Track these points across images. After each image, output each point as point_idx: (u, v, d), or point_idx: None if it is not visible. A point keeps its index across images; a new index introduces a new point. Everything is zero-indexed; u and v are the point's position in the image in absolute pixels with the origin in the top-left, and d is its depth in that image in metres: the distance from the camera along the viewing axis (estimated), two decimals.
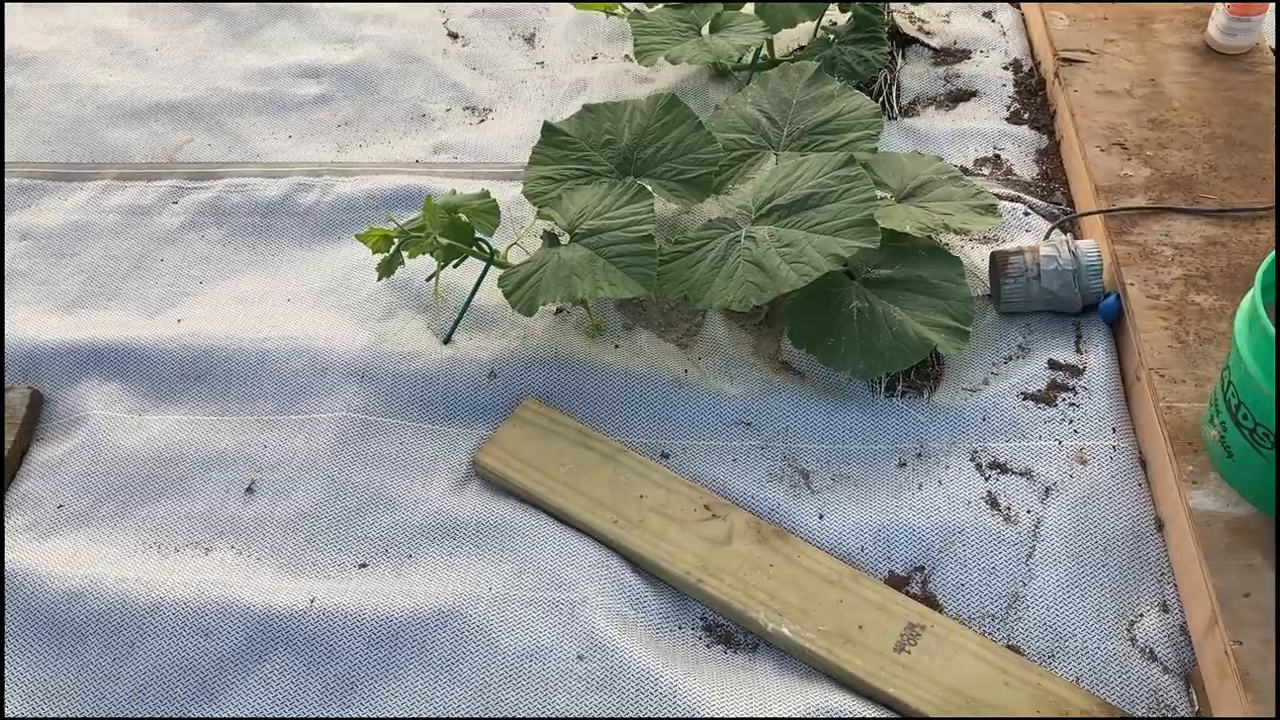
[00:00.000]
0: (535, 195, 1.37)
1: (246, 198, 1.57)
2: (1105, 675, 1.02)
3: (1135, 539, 1.11)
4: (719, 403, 1.26)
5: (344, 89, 1.76)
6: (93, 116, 1.74)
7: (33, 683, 1.07)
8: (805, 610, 1.07)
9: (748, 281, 1.19)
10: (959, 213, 1.30)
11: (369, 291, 1.41)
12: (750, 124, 1.43)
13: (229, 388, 1.32)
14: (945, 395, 1.25)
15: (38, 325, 1.41)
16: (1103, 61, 1.58)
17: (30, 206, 1.60)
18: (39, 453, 1.29)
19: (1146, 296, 1.25)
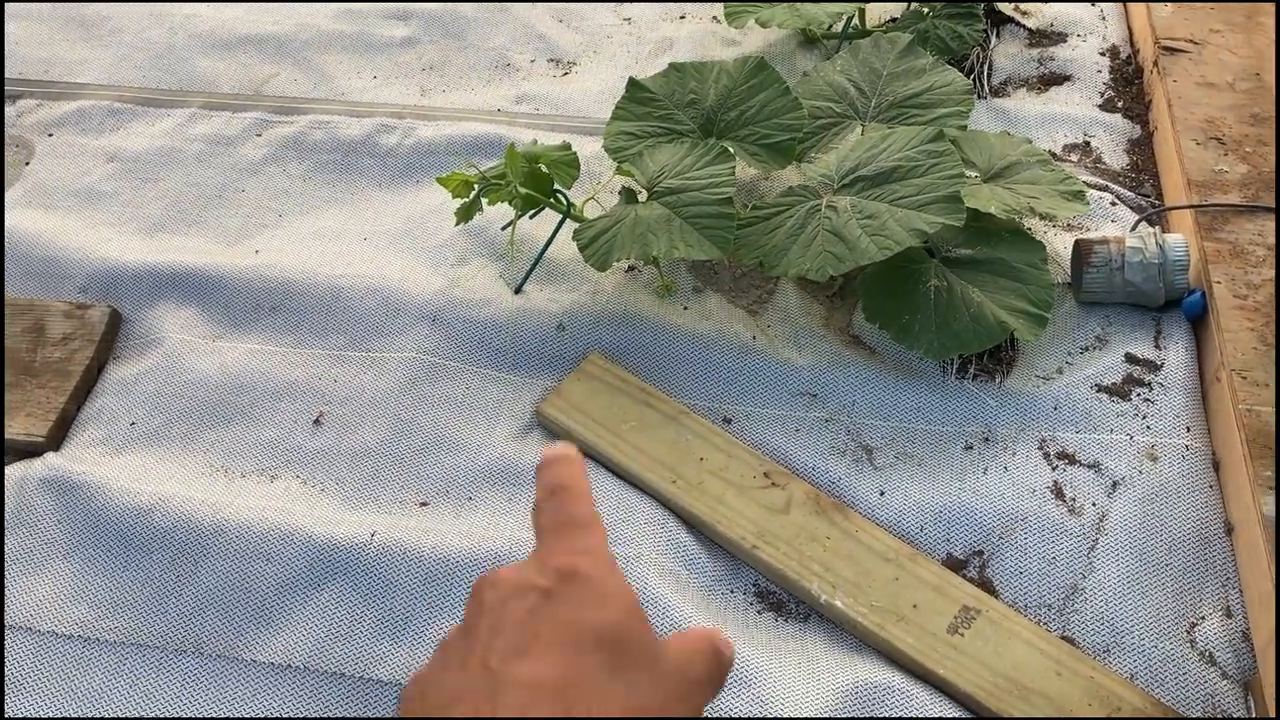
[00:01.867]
0: (616, 150, 1.36)
1: (329, 135, 1.59)
2: (1161, 675, 1.01)
3: (1202, 541, 1.09)
4: (786, 372, 1.26)
5: (431, 33, 1.77)
6: (183, 45, 1.76)
7: (98, 591, 1.10)
8: (859, 585, 1.06)
9: (826, 251, 1.18)
10: (1045, 197, 1.27)
11: (444, 236, 1.41)
12: (838, 92, 1.41)
13: (302, 321, 1.33)
14: (1017, 381, 1.23)
15: (120, 246, 1.43)
16: (1206, 52, 1.53)
17: (119, 130, 1.62)
18: (115, 370, 1.32)
19: (1234, 296, 1.22)
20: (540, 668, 0.45)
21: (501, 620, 0.47)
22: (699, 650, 0.51)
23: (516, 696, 0.44)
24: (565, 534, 0.51)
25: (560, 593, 0.48)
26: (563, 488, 0.53)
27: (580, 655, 0.46)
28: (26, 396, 1.26)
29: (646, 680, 0.47)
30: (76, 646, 1.07)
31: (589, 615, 0.47)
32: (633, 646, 0.47)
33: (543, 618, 0.47)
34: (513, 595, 0.48)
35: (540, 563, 0.50)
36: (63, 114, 1.65)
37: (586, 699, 0.44)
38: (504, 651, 0.46)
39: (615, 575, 0.50)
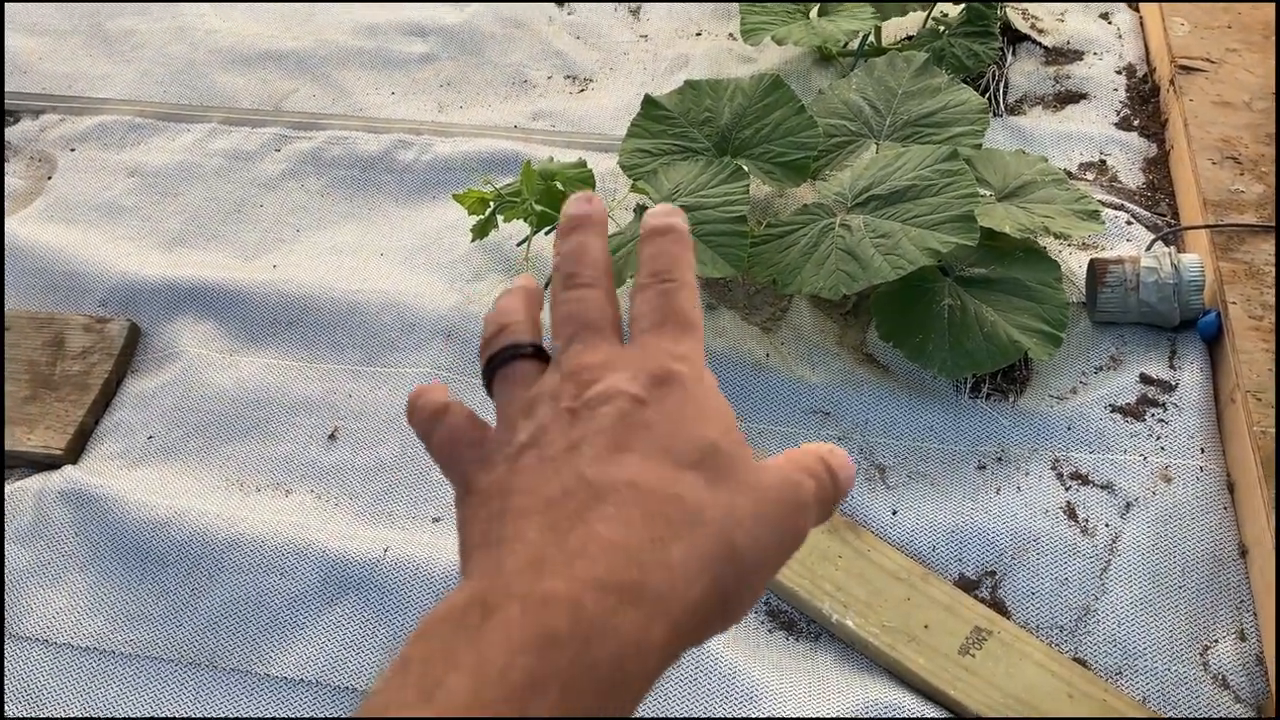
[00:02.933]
0: (631, 168, 1.37)
1: (347, 150, 1.60)
2: (1173, 698, 1.00)
3: (1216, 563, 1.09)
4: (799, 390, 1.26)
5: (449, 49, 1.78)
6: (204, 61, 1.78)
7: (115, 604, 1.11)
8: (871, 604, 1.06)
9: (839, 270, 1.18)
10: (1060, 216, 1.27)
11: (460, 252, 1.42)
12: (853, 111, 1.42)
13: (319, 336, 1.34)
14: (1031, 401, 1.23)
15: (140, 260, 1.45)
16: (1222, 71, 1.53)
17: (140, 145, 1.64)
18: (133, 384, 1.33)
19: (1249, 317, 1.22)
20: (635, 475, 0.40)
21: (592, 423, 0.42)
22: (809, 469, 0.45)
23: (608, 508, 0.39)
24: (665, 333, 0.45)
25: (654, 402, 0.43)
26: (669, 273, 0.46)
27: (678, 469, 0.41)
28: (46, 409, 1.28)
29: (745, 502, 0.42)
30: (93, 659, 1.08)
31: (686, 430, 0.42)
32: (731, 463, 0.42)
33: (636, 427, 0.42)
34: (602, 401, 0.43)
35: (638, 364, 0.44)
36: (85, 129, 1.67)
37: (684, 517, 0.40)
38: (597, 456, 0.41)
39: (713, 390, 0.45)
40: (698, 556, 0.39)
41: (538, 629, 0.35)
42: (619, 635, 0.36)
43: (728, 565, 0.40)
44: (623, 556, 0.38)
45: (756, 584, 0.42)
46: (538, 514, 0.40)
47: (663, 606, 0.38)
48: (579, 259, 0.47)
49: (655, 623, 0.37)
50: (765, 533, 0.42)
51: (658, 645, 0.37)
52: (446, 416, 0.46)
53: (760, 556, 0.42)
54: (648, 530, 0.39)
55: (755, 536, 0.42)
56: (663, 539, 0.39)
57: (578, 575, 0.37)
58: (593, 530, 0.38)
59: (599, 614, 0.36)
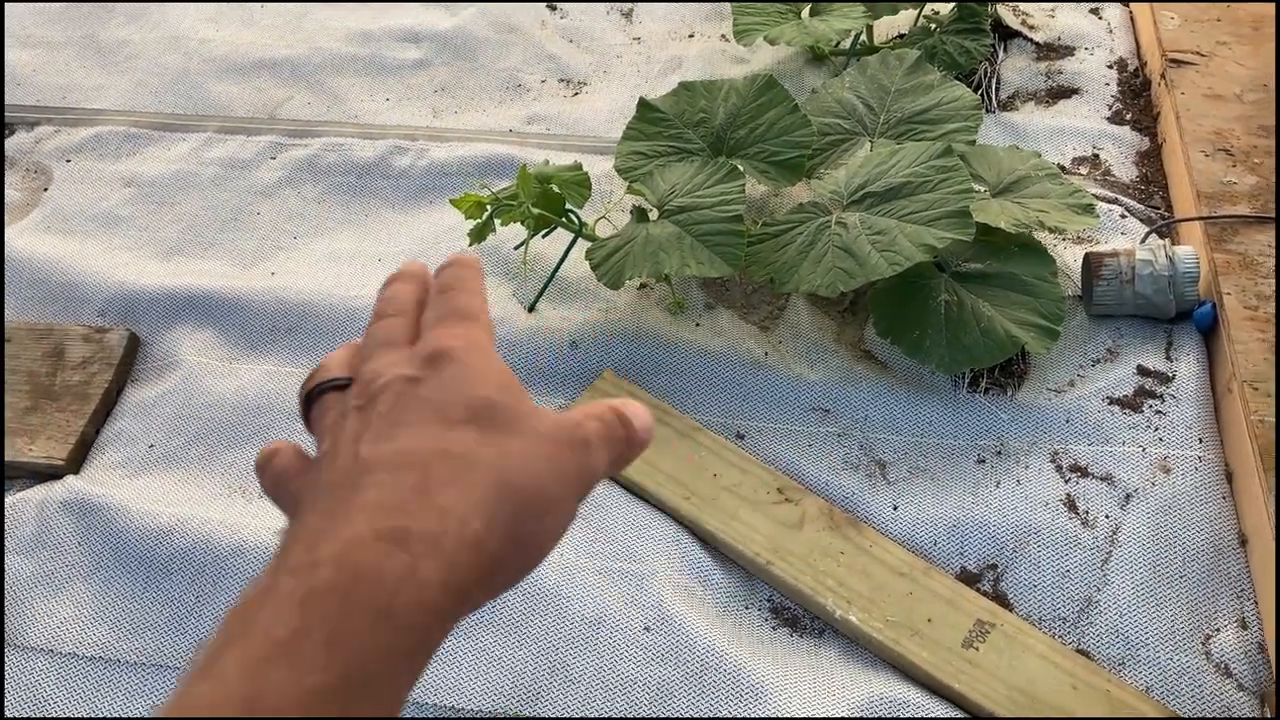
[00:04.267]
0: (626, 170, 1.37)
1: (342, 157, 1.60)
2: (1176, 687, 1.01)
3: (1216, 552, 1.09)
4: (798, 387, 1.26)
5: (442, 55, 1.78)
6: (199, 70, 1.78)
7: (119, 613, 1.11)
8: (873, 600, 1.07)
9: (836, 267, 1.18)
10: (1055, 211, 1.28)
11: None
12: (847, 109, 1.42)
13: (318, 342, 1.35)
14: (1029, 394, 1.23)
15: (137, 270, 1.45)
16: (1213, 64, 1.54)
17: (136, 155, 1.64)
18: (133, 393, 1.33)
19: (1244, 307, 1.22)
20: (404, 443, 0.44)
21: (370, 415, 0.46)
22: (593, 414, 0.49)
23: (376, 475, 0.43)
24: (443, 324, 0.50)
25: (428, 377, 0.47)
26: (452, 287, 0.52)
27: (448, 428, 0.45)
28: (47, 420, 1.28)
29: (519, 445, 0.46)
30: (98, 667, 1.08)
31: (457, 393, 0.46)
32: (507, 415, 0.46)
33: (409, 402, 0.46)
34: (381, 390, 0.47)
35: (411, 353, 0.49)
36: (80, 140, 1.67)
37: (452, 467, 0.44)
38: (371, 436, 0.45)
39: (488, 357, 0.49)
40: (469, 497, 0.43)
41: (303, 589, 0.39)
42: (386, 575, 0.40)
43: (506, 502, 0.44)
44: (387, 511, 0.42)
45: (549, 518, 0.46)
46: (319, 502, 0.44)
47: (433, 545, 0.41)
48: (388, 301, 0.53)
49: (426, 560, 0.41)
50: (543, 469, 0.46)
51: (434, 581, 0.41)
52: (274, 458, 0.50)
53: (542, 491, 0.46)
54: (413, 485, 0.43)
55: (533, 473, 0.46)
56: (428, 487, 0.43)
57: (342, 537, 0.41)
58: (362, 498, 0.43)
59: (364, 561, 0.40)
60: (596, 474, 0.48)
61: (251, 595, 0.41)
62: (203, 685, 0.39)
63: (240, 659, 0.39)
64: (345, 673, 0.38)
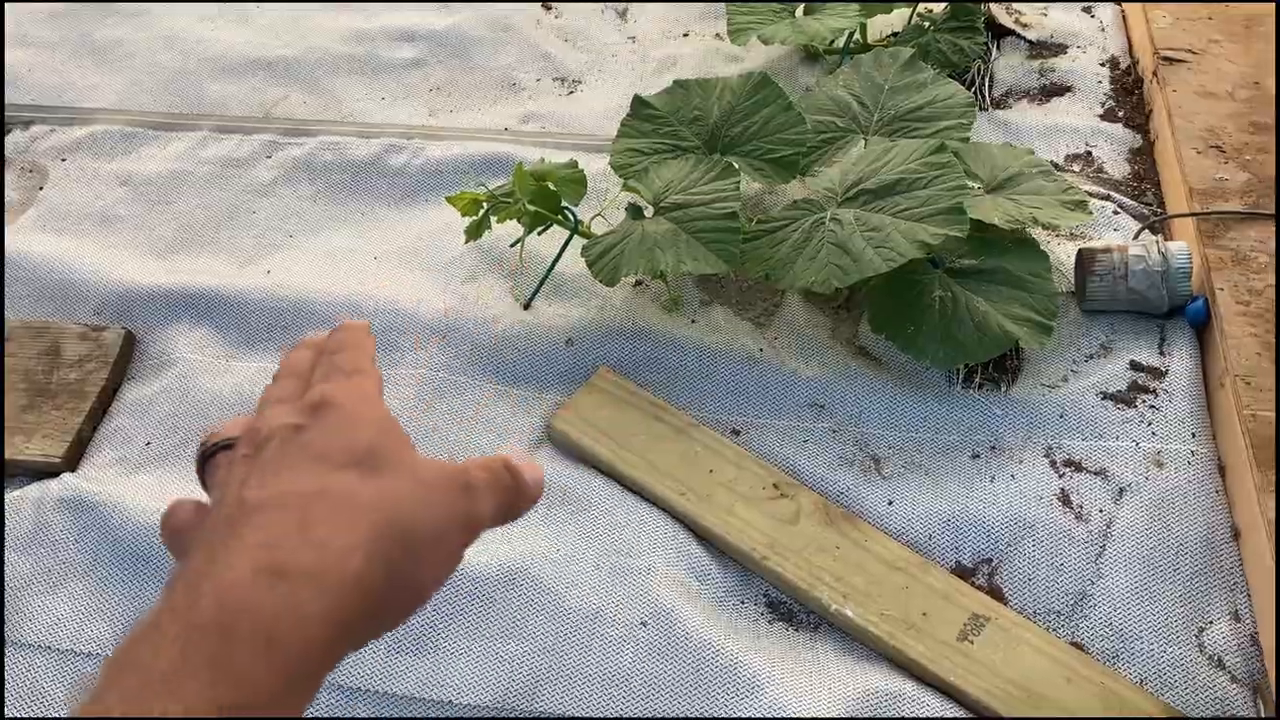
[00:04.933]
0: (622, 167, 1.38)
1: (338, 156, 1.61)
2: (1170, 680, 1.01)
3: (1209, 546, 1.10)
4: (793, 383, 1.27)
5: (438, 54, 1.79)
6: (194, 69, 1.79)
7: (117, 609, 1.11)
8: (869, 594, 1.07)
9: (831, 264, 1.19)
10: (1048, 207, 1.28)
11: (453, 254, 1.43)
12: (840, 107, 1.43)
13: None
14: (1023, 390, 1.24)
15: (134, 268, 1.45)
16: (1205, 62, 1.55)
17: (131, 153, 1.65)
18: (130, 391, 1.33)
19: (1236, 302, 1.23)
20: (286, 485, 0.45)
21: (255, 463, 0.47)
22: (480, 464, 0.50)
23: (257, 517, 0.43)
24: (328, 378, 0.51)
25: (311, 425, 0.47)
26: (340, 349, 0.52)
27: (329, 471, 0.46)
28: (43, 418, 1.28)
29: (400, 484, 0.46)
30: (95, 664, 1.08)
31: (340, 439, 0.47)
32: (388, 458, 0.47)
33: (291, 448, 0.47)
34: (267, 439, 0.47)
35: (297, 405, 0.49)
36: (76, 139, 1.67)
37: (332, 505, 0.44)
38: (253, 481, 0.45)
39: (371, 404, 0.49)
40: (349, 534, 0.43)
41: (183, 628, 0.40)
42: (265, 607, 0.40)
43: (385, 541, 0.44)
44: (266, 550, 0.42)
45: (431, 560, 0.46)
46: (203, 546, 0.44)
47: (315, 581, 0.42)
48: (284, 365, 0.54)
49: (306, 593, 0.41)
50: (424, 511, 0.46)
51: (315, 616, 0.41)
52: (173, 515, 0.50)
53: (423, 532, 0.46)
54: (294, 523, 0.43)
55: (413, 514, 0.46)
56: (308, 525, 0.43)
57: (223, 577, 0.41)
58: (242, 540, 0.43)
59: (244, 598, 0.40)
60: (481, 520, 0.49)
61: (134, 637, 0.41)
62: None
63: (122, 693, 0.38)
64: (228, 702, 0.38)
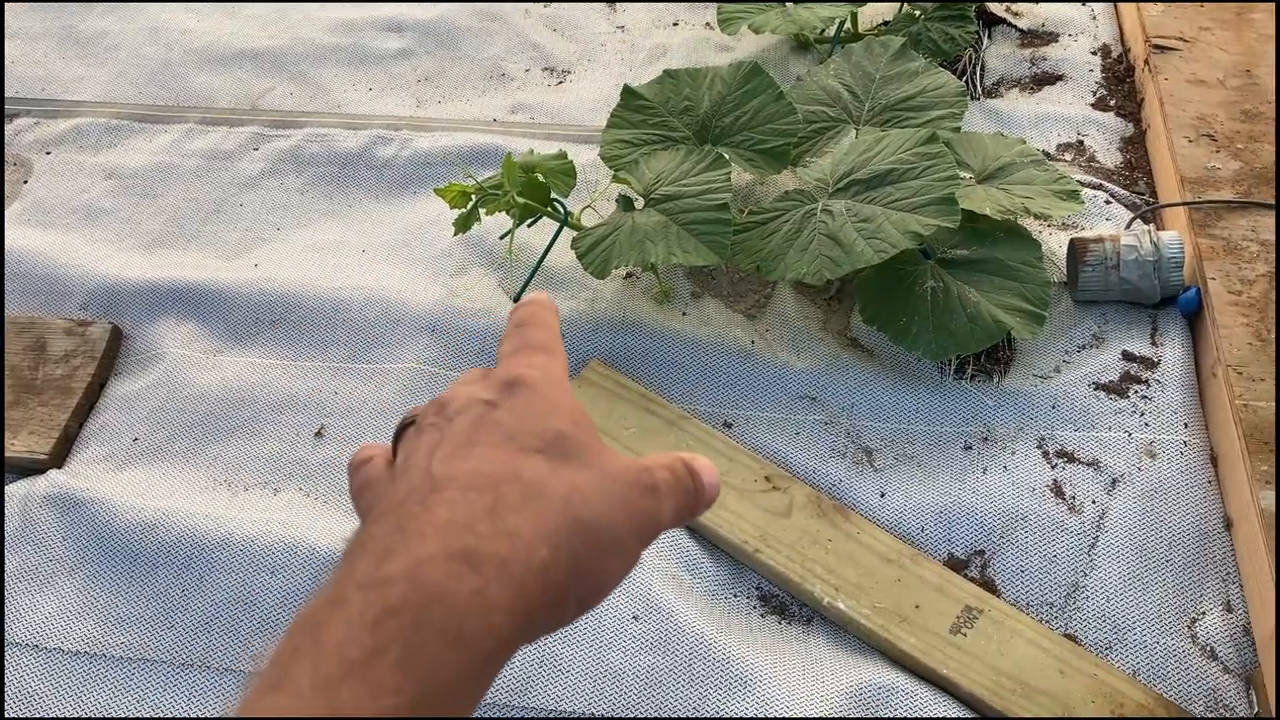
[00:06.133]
0: (612, 158, 1.37)
1: (326, 148, 1.59)
2: (1163, 670, 1.01)
3: (1202, 536, 1.10)
4: (785, 375, 1.26)
5: (425, 44, 1.78)
6: (180, 61, 1.77)
7: (104, 607, 1.10)
8: (862, 587, 1.07)
9: (822, 255, 1.18)
10: (1040, 197, 1.28)
11: (442, 247, 1.42)
12: (831, 96, 1.42)
13: (302, 334, 1.34)
14: (1015, 380, 1.24)
15: (120, 262, 1.44)
16: (1196, 50, 1.54)
17: (116, 146, 1.63)
18: (117, 386, 1.32)
19: (1228, 292, 1.23)
20: (477, 464, 0.45)
21: (446, 431, 0.47)
22: (663, 463, 0.50)
23: (448, 493, 0.44)
24: (520, 355, 0.51)
25: (504, 403, 0.48)
26: (528, 323, 0.54)
27: (520, 454, 0.46)
28: (29, 414, 1.27)
29: (590, 481, 0.46)
30: (83, 662, 1.07)
31: (533, 423, 0.47)
32: (579, 449, 0.47)
33: (485, 425, 0.47)
34: (459, 411, 0.48)
35: (488, 379, 0.50)
36: (60, 132, 1.65)
37: (523, 492, 0.44)
38: (446, 455, 0.46)
39: (562, 389, 0.50)
40: (538, 525, 0.43)
41: (376, 608, 0.39)
42: (457, 597, 0.40)
43: (572, 534, 0.44)
44: (458, 530, 0.42)
45: (611, 557, 0.46)
46: (388, 515, 0.44)
47: (503, 570, 0.41)
48: None
49: (495, 584, 0.41)
50: (610, 507, 0.46)
51: (502, 605, 0.41)
52: (366, 465, 0.52)
53: (608, 529, 0.46)
54: (484, 506, 0.43)
55: (599, 510, 0.46)
56: (499, 511, 0.43)
57: (414, 554, 0.41)
58: (432, 515, 0.43)
59: (435, 581, 0.40)
60: (661, 523, 0.48)
61: (318, 606, 0.41)
62: (276, 698, 0.38)
63: (313, 675, 0.38)
64: (417, 695, 0.38)
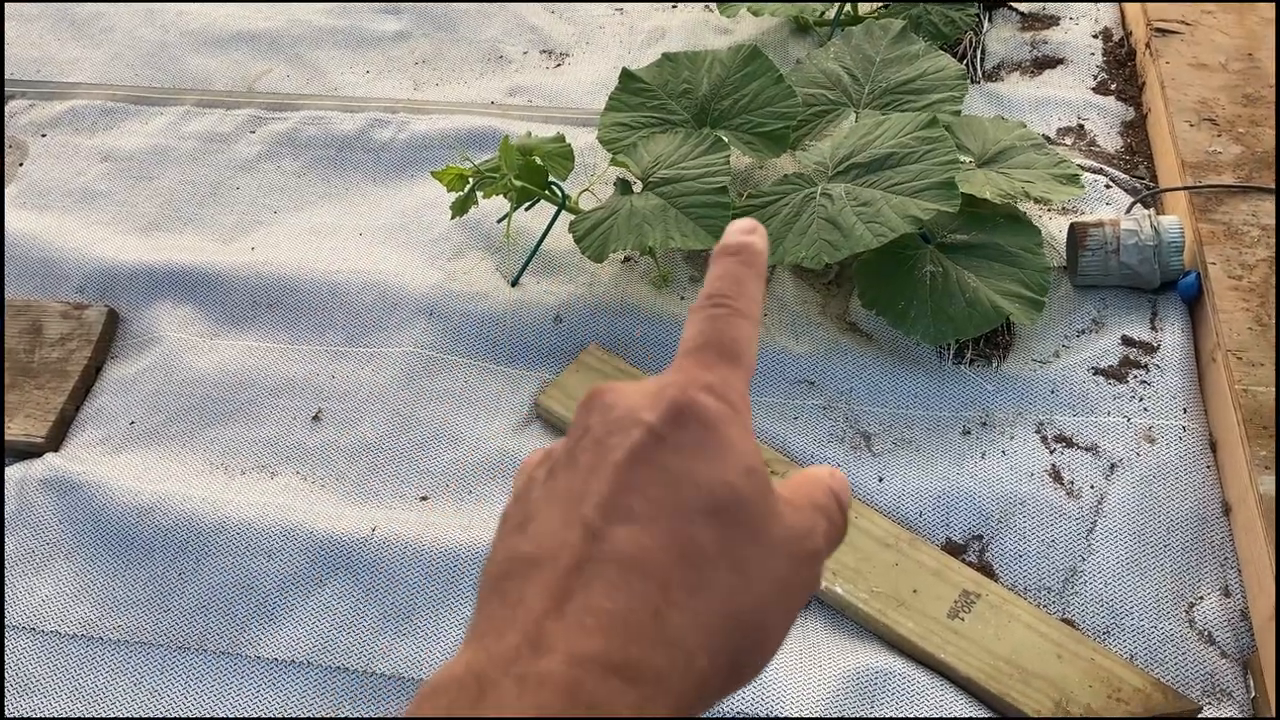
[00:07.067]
0: (610, 142, 1.36)
1: (323, 130, 1.59)
2: (1161, 655, 1.01)
3: (1200, 521, 1.10)
4: (783, 360, 1.26)
5: (422, 26, 1.77)
6: (176, 43, 1.76)
7: (101, 590, 1.10)
8: (859, 571, 1.07)
9: (821, 239, 1.18)
10: (1040, 181, 1.27)
11: (440, 230, 1.41)
12: (831, 80, 1.41)
13: (299, 317, 1.34)
14: (1014, 365, 1.23)
15: (116, 245, 1.43)
16: (1198, 33, 1.53)
17: (112, 129, 1.62)
18: (113, 370, 1.32)
19: (1228, 277, 1.22)
20: (641, 538, 0.38)
21: (602, 457, 0.40)
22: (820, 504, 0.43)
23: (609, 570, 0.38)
24: (700, 359, 0.43)
25: (671, 438, 0.40)
26: (726, 298, 0.44)
27: (687, 521, 0.39)
28: (25, 397, 1.26)
29: (757, 559, 0.40)
30: (80, 645, 1.07)
31: (703, 473, 0.40)
32: (750, 515, 0.40)
33: (648, 467, 0.40)
34: (618, 427, 0.41)
35: (658, 390, 0.42)
36: (56, 114, 1.65)
37: (690, 584, 0.38)
38: (603, 502, 0.39)
39: (739, 425, 0.42)
40: (701, 626, 0.38)
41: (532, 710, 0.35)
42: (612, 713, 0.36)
43: (732, 634, 0.39)
44: (622, 631, 0.37)
45: (769, 643, 0.41)
46: (540, 570, 0.39)
47: (663, 684, 0.37)
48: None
49: (654, 701, 0.37)
50: (774, 594, 0.40)
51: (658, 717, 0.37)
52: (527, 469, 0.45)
53: (771, 626, 0.40)
54: (647, 599, 0.38)
55: (763, 599, 0.40)
56: (663, 612, 0.38)
57: (575, 651, 0.36)
58: (590, 600, 0.37)
59: (595, 694, 0.36)
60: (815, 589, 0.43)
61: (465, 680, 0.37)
62: None
63: None
64: None
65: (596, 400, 0.43)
